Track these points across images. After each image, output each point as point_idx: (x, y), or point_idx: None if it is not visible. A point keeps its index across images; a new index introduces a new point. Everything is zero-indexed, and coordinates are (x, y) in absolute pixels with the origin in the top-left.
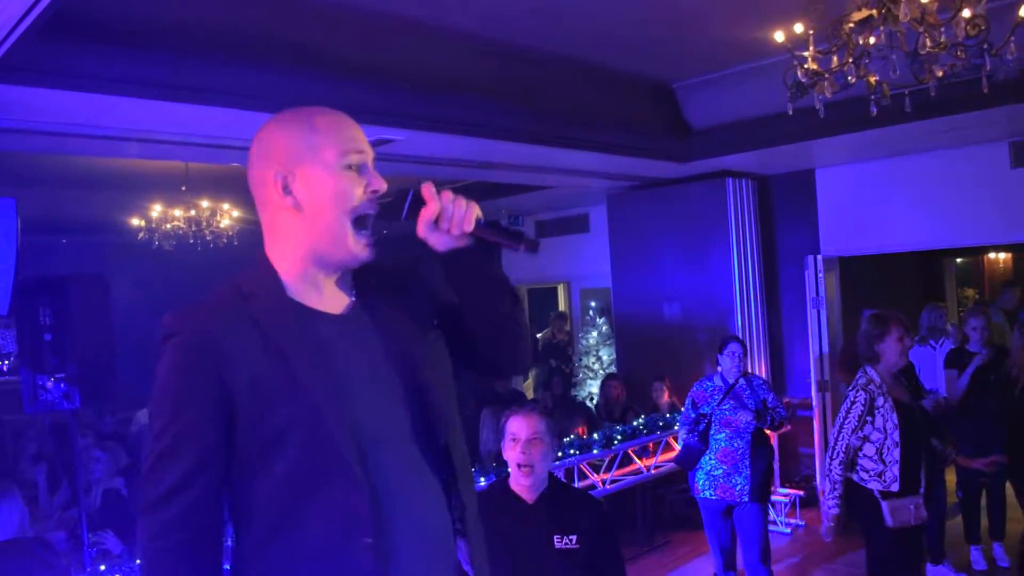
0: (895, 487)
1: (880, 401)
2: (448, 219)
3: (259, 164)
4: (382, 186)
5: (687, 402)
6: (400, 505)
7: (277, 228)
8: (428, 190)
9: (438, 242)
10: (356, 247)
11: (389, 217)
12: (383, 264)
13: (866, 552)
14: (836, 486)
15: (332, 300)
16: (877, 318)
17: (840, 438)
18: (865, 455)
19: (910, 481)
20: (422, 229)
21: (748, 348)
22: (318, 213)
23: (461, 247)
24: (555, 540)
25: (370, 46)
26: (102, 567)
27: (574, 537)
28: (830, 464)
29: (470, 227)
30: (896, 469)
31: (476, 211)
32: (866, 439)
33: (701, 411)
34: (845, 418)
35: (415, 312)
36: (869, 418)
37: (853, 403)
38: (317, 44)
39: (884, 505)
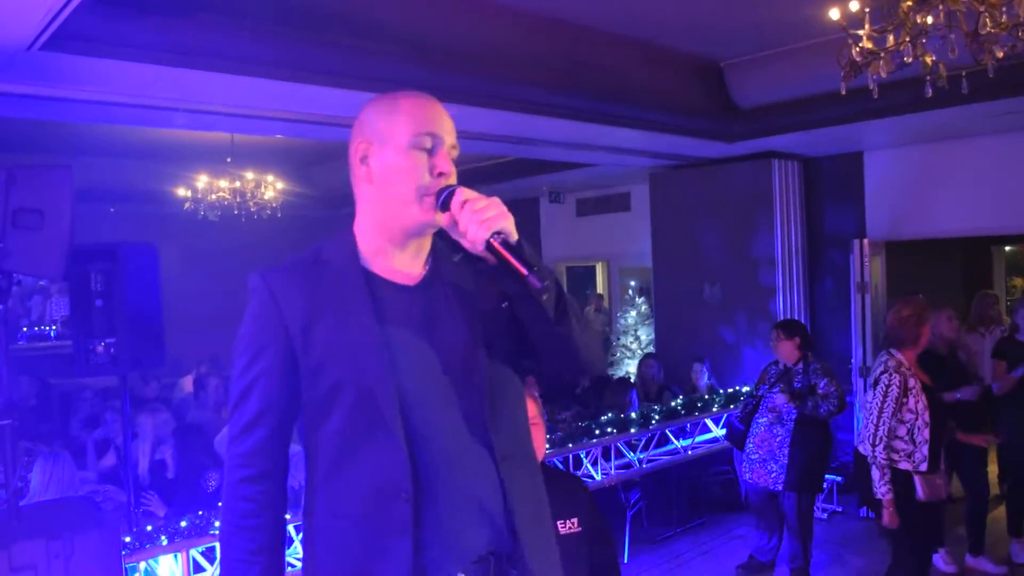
0: (924, 467)
1: (912, 383)
2: (459, 233)
3: (352, 140)
4: (447, 168)
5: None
6: (439, 466)
7: (359, 199)
8: (458, 196)
9: (460, 240)
10: (421, 213)
11: None
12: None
13: (890, 535)
14: (885, 472)
15: (404, 271)
16: (910, 302)
17: (881, 423)
18: (897, 436)
19: (934, 460)
20: (444, 224)
21: (790, 332)
22: (385, 186)
23: (476, 253)
24: (559, 526)
25: (414, 20)
26: (148, 527)
27: (576, 520)
28: (874, 451)
29: (480, 247)
30: (925, 449)
31: (503, 225)
32: (901, 421)
33: (756, 393)
34: (883, 402)
35: (483, 292)
36: (904, 399)
37: (889, 387)
38: (360, 17)
39: (917, 480)
